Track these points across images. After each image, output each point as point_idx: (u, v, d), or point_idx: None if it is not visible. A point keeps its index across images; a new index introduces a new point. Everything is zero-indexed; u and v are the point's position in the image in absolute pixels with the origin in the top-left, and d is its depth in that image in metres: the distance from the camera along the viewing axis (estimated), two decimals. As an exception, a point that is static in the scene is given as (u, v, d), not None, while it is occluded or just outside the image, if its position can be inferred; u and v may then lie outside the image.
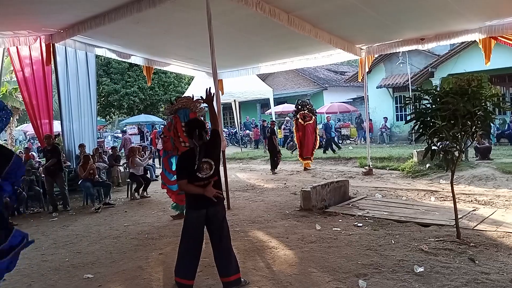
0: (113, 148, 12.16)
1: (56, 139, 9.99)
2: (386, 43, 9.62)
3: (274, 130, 12.31)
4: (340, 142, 18.13)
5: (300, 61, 11.23)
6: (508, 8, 7.18)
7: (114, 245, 5.33)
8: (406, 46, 9.44)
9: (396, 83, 18.05)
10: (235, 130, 21.34)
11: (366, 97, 11.89)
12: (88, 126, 10.65)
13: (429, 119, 4.46)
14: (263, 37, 8.92)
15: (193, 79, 16.37)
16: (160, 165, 10.46)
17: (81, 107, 10.39)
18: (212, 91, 3.82)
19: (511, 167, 8.75)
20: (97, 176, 8.58)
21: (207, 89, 3.79)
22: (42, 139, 9.04)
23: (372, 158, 11.27)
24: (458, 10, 7.17)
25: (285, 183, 9.64)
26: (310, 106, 12.29)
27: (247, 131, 22.07)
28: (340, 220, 5.81)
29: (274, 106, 18.50)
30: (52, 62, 9.17)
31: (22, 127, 27.10)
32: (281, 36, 8.61)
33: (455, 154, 4.63)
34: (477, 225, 5.17)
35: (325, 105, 22.55)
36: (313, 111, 12.31)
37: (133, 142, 16.60)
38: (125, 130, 22.05)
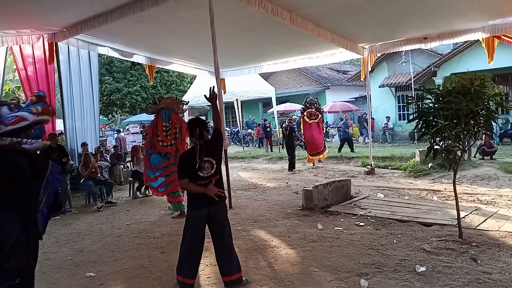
0: (115, 147, 12.17)
1: (59, 138, 10.01)
2: (389, 42, 9.59)
3: (293, 128, 12.36)
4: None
5: (303, 60, 11.21)
6: (512, 7, 7.16)
7: (116, 244, 5.35)
8: (409, 45, 9.41)
9: (399, 82, 17.99)
10: (237, 129, 21.35)
11: (369, 96, 11.87)
12: (91, 125, 10.70)
13: (432, 119, 4.45)
14: (266, 36, 8.90)
15: (196, 78, 16.37)
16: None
17: (84, 106, 10.43)
18: (216, 90, 3.82)
19: (514, 167, 8.73)
20: (99, 175, 8.60)
21: (211, 88, 3.78)
22: (46, 138, 9.05)
23: (374, 158, 11.26)
24: (462, 9, 7.14)
25: (287, 182, 9.64)
26: (318, 105, 12.59)
27: (249, 130, 22.10)
28: (342, 220, 5.81)
29: (276, 105, 18.48)
30: (55, 61, 9.17)
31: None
32: (284, 35, 8.59)
33: (458, 154, 4.62)
34: (480, 225, 5.16)
35: (328, 104, 22.52)
36: (320, 110, 12.66)
37: (128, 143, 16.30)
38: (119, 130, 21.88)
